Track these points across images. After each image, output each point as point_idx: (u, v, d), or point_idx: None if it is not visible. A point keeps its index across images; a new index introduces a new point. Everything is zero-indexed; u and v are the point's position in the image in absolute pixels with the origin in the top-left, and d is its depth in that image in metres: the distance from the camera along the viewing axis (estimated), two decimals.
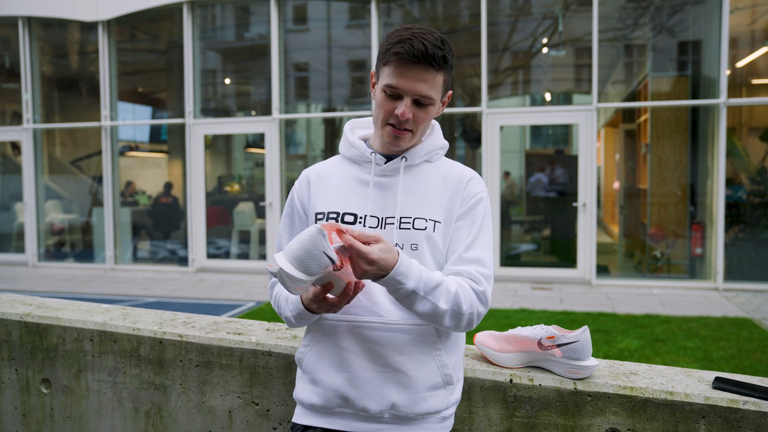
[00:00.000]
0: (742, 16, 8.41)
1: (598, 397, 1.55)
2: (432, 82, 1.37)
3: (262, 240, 9.53)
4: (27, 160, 10.23)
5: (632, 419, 1.53)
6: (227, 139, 10.93)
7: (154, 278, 9.07)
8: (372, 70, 1.49)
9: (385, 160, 1.48)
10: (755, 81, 8.83)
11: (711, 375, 1.62)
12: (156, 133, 11.52)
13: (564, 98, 10.25)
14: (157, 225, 10.54)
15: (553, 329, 1.60)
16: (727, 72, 7.58)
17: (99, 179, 10.16)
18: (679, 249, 8.49)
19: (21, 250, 10.45)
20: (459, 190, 1.46)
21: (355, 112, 9.80)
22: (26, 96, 10.09)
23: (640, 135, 9.83)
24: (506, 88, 9.92)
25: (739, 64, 8.47)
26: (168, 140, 11.32)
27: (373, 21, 8.72)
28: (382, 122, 1.42)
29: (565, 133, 12.34)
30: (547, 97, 10.04)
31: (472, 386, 1.64)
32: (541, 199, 9.50)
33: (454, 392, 1.47)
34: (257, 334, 1.93)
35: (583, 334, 1.57)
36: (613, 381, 1.57)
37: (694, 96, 8.44)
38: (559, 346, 1.58)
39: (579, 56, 9.21)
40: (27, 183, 10.23)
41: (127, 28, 10.31)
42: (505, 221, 9.09)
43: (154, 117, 11.75)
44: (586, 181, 8.14)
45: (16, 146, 10.78)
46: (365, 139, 1.56)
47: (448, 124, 9.81)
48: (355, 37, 9.92)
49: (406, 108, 1.37)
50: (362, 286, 1.32)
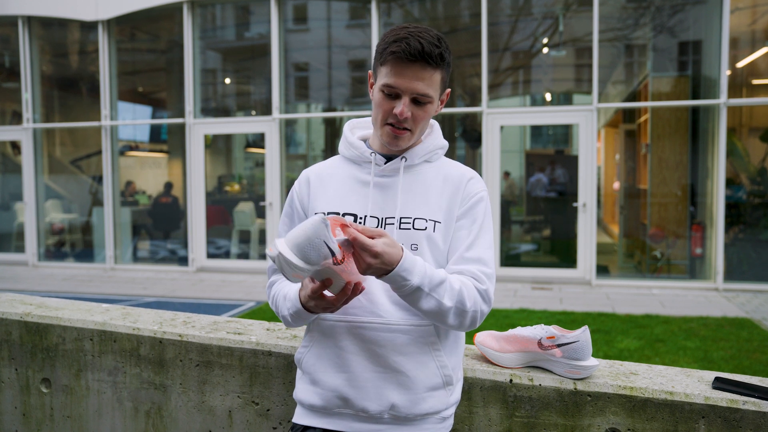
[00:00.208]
0: (742, 17, 8.41)
1: (598, 397, 1.55)
2: (429, 80, 1.37)
3: (262, 240, 9.53)
4: (27, 159, 10.23)
5: (632, 419, 1.53)
6: (227, 138, 10.93)
7: (154, 278, 9.07)
8: (370, 71, 1.49)
9: (385, 161, 1.48)
10: (755, 81, 8.83)
11: (711, 375, 1.62)
12: (156, 133, 11.52)
13: (564, 98, 10.25)
14: (157, 225, 10.54)
15: (553, 329, 1.60)
16: (728, 72, 7.58)
17: (99, 179, 10.16)
18: (679, 249, 8.49)
19: (21, 249, 10.45)
20: (459, 190, 1.46)
21: (355, 112, 9.80)
22: (26, 95, 10.09)
23: (640, 135, 9.83)
24: (506, 88, 9.92)
25: (740, 65, 8.47)
26: (168, 140, 11.32)
27: (374, 21, 8.72)
28: (381, 122, 1.42)
29: (565, 133, 12.33)
30: (548, 97, 10.04)
31: (472, 386, 1.64)
32: (541, 199, 9.50)
33: (454, 393, 1.47)
34: (257, 334, 1.93)
35: (583, 334, 1.57)
36: (613, 381, 1.57)
37: (695, 96, 8.44)
38: (559, 346, 1.58)
39: (579, 56, 9.21)
40: (27, 182, 10.23)
41: (127, 27, 10.31)
42: (505, 221, 9.09)
43: (154, 117, 11.75)
44: (586, 181, 8.14)
45: (16, 146, 10.78)
46: (365, 140, 1.56)
47: (448, 124, 9.81)
48: (356, 37, 9.92)
49: (405, 107, 1.37)
50: (361, 289, 1.30)
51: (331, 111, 10.75)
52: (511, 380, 1.62)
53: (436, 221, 1.43)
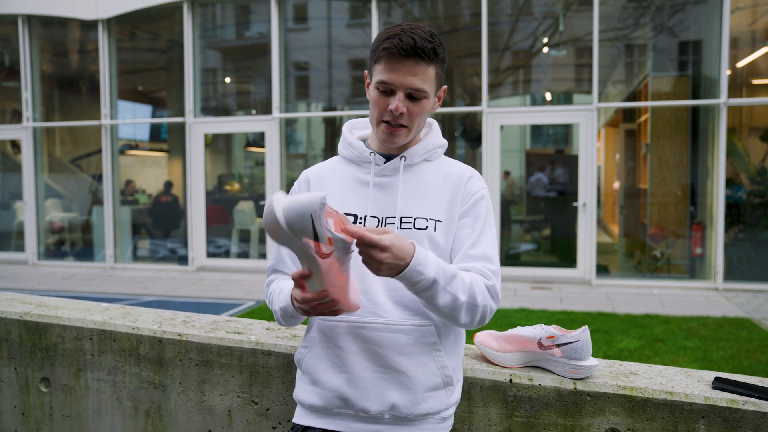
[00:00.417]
0: (742, 16, 8.41)
1: (598, 397, 1.55)
2: (424, 75, 1.37)
3: (262, 239, 9.53)
4: (27, 158, 10.23)
5: (632, 419, 1.53)
6: (227, 138, 10.93)
7: (153, 277, 9.07)
8: (366, 71, 1.49)
9: (384, 160, 1.48)
10: (755, 81, 8.83)
11: (711, 375, 1.61)
12: (156, 132, 11.51)
13: (564, 98, 10.24)
14: (157, 224, 10.54)
15: (553, 329, 1.60)
16: (728, 72, 7.58)
17: (99, 178, 10.16)
18: (679, 249, 8.49)
19: (21, 248, 10.45)
20: (459, 189, 1.46)
21: (355, 112, 9.80)
22: (26, 94, 10.09)
23: (640, 135, 9.83)
24: (507, 88, 9.91)
25: (740, 64, 8.47)
26: (168, 139, 11.31)
27: (374, 20, 8.72)
28: (377, 120, 1.42)
29: (565, 132, 12.33)
30: (548, 96, 10.03)
31: (471, 386, 1.64)
32: (541, 198, 9.49)
33: (454, 393, 1.47)
34: (257, 334, 1.92)
35: (582, 334, 1.56)
36: (613, 381, 1.57)
37: (695, 96, 8.44)
38: (559, 345, 1.58)
39: (579, 56, 9.21)
40: (27, 181, 10.23)
41: (128, 26, 10.30)
42: (505, 221, 9.09)
43: (154, 116, 11.75)
44: (586, 181, 8.14)
45: (15, 145, 10.78)
46: (364, 140, 1.56)
47: (448, 124, 9.81)
48: (356, 36, 9.92)
49: (400, 102, 1.37)
50: (336, 309, 1.26)
51: (331, 110, 10.75)
52: (511, 380, 1.61)
53: (437, 220, 1.42)
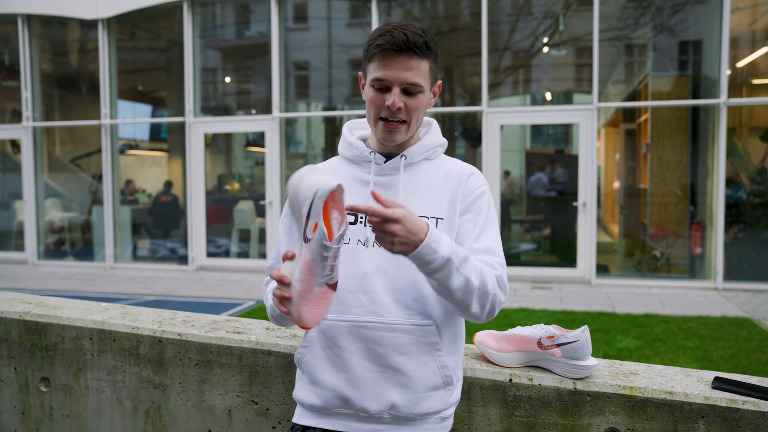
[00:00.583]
0: (742, 16, 8.41)
1: (598, 397, 1.55)
2: (418, 69, 1.37)
3: (262, 239, 9.53)
4: (27, 158, 10.22)
5: (632, 419, 1.53)
6: (227, 137, 10.92)
7: (153, 277, 9.07)
8: (360, 72, 1.49)
9: (385, 160, 1.48)
10: (756, 81, 8.83)
11: (710, 375, 1.61)
12: (156, 132, 11.51)
13: (564, 98, 10.24)
14: (157, 223, 10.54)
15: (553, 329, 1.60)
16: (728, 72, 7.57)
17: (99, 177, 10.15)
18: (679, 249, 8.49)
19: (20, 248, 10.45)
20: (460, 186, 1.46)
21: (355, 111, 9.79)
22: (26, 94, 10.08)
23: (640, 134, 9.83)
24: (507, 88, 9.91)
25: (740, 64, 8.46)
26: (168, 138, 11.31)
27: (374, 20, 8.72)
28: (375, 118, 1.42)
29: (565, 132, 12.32)
30: (548, 96, 10.03)
31: (471, 386, 1.64)
32: (541, 198, 9.49)
33: (454, 393, 1.47)
34: (257, 333, 1.92)
35: (582, 334, 1.56)
36: (613, 381, 1.57)
37: (695, 96, 8.44)
38: (559, 345, 1.58)
39: (579, 56, 9.20)
40: (27, 181, 10.23)
41: (127, 26, 10.30)
42: (505, 220, 9.09)
43: (154, 115, 11.75)
44: (586, 181, 8.13)
45: (15, 144, 10.77)
46: (364, 140, 1.56)
47: (448, 123, 9.81)
48: (356, 36, 9.91)
49: (396, 97, 1.37)
50: (286, 310, 1.23)
51: (331, 110, 10.74)
52: (511, 380, 1.61)
53: (438, 218, 1.42)
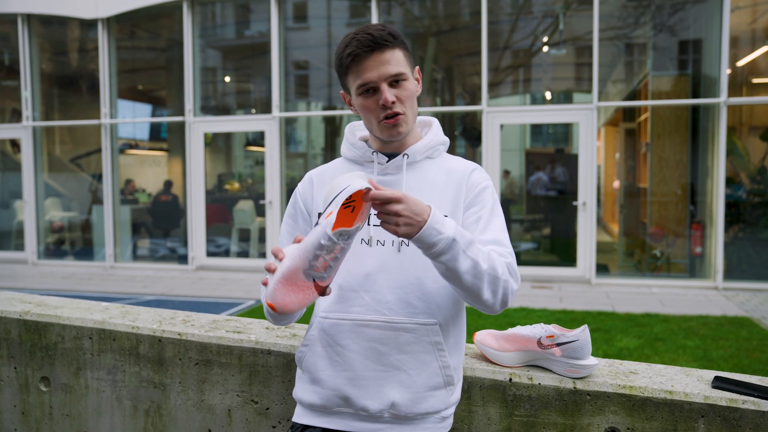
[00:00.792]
0: (742, 15, 8.40)
1: (598, 396, 1.55)
2: (394, 60, 1.39)
3: (262, 238, 9.52)
4: (26, 157, 10.22)
5: (631, 418, 1.53)
6: (227, 137, 10.92)
7: (153, 276, 9.07)
8: (341, 92, 1.50)
9: (387, 159, 1.48)
10: (756, 80, 8.83)
11: (710, 374, 1.61)
12: (156, 131, 11.51)
13: (564, 97, 10.24)
14: (157, 223, 10.54)
15: (553, 328, 1.60)
16: (728, 71, 7.57)
17: (99, 177, 10.15)
18: (679, 248, 8.49)
19: (20, 248, 10.45)
20: (463, 182, 1.47)
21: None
22: (26, 93, 10.08)
23: (640, 134, 9.82)
24: (507, 87, 9.91)
25: (740, 63, 8.46)
26: (168, 138, 11.31)
27: (374, 19, 8.71)
28: (374, 121, 1.43)
29: (565, 131, 12.33)
30: (548, 95, 10.03)
31: (471, 385, 1.64)
32: (541, 197, 9.49)
33: (454, 392, 1.47)
34: (257, 333, 1.92)
35: (582, 333, 1.56)
36: (613, 380, 1.57)
37: (695, 95, 8.43)
38: (559, 345, 1.58)
39: (579, 55, 9.20)
40: (26, 181, 10.23)
41: (127, 25, 10.29)
42: (505, 220, 9.07)
43: (154, 115, 11.75)
44: (586, 180, 8.13)
45: (15, 144, 10.77)
46: (365, 141, 1.56)
47: (448, 123, 9.80)
48: None
49: (387, 93, 1.38)
50: (269, 288, 1.22)
51: (331, 109, 10.74)
52: (511, 379, 1.61)
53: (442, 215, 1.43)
